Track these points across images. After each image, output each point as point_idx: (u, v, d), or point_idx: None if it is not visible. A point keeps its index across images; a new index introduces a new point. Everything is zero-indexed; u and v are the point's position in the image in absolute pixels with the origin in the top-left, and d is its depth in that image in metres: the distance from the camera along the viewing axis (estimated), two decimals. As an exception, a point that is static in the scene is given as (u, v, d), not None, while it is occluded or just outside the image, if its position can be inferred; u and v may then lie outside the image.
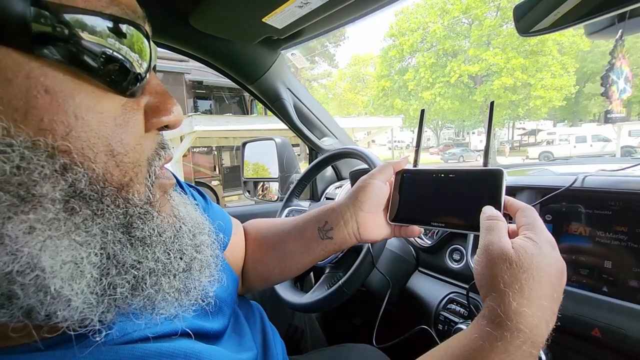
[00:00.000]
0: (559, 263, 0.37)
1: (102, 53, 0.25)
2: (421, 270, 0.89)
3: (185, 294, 0.32)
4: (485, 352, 0.32)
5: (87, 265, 0.24)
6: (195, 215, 0.37)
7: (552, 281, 0.35)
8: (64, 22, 0.23)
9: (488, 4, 15.90)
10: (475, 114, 17.47)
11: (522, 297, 0.33)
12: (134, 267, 0.27)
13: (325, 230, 0.53)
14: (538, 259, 0.35)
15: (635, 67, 13.99)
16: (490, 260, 0.36)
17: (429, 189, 0.50)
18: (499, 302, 0.34)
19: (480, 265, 0.38)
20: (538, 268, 0.35)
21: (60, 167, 0.23)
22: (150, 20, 0.30)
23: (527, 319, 0.33)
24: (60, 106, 0.23)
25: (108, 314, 0.26)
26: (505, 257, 0.35)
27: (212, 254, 0.36)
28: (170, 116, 0.30)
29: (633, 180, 0.55)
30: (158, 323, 0.31)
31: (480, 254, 0.38)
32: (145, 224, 0.28)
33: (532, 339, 0.32)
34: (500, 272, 0.35)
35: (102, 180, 0.25)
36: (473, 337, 0.34)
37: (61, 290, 0.23)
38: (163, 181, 0.31)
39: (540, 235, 0.37)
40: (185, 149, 6.48)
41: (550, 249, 0.37)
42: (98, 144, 0.25)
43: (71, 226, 0.24)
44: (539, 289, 0.34)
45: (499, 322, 0.33)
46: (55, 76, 0.23)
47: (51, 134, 0.23)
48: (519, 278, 0.34)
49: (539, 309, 0.33)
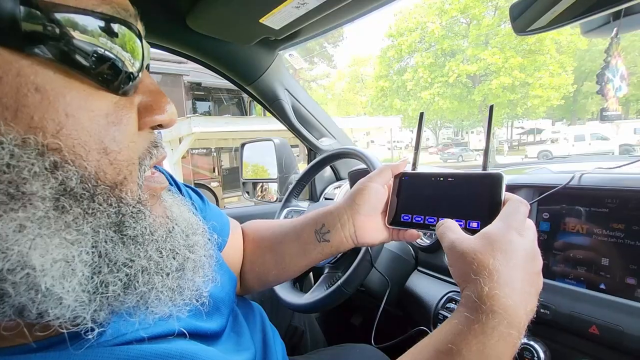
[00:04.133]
0: (527, 248, 0.38)
1: (93, 52, 0.25)
2: (420, 269, 0.89)
3: (179, 294, 0.32)
4: (464, 335, 0.34)
5: (79, 263, 0.24)
6: (188, 216, 0.37)
7: (519, 264, 0.37)
8: (55, 21, 0.23)
9: (486, 4, 15.93)
10: (474, 114, 17.49)
11: (492, 281, 0.35)
12: (126, 265, 0.27)
13: (322, 233, 0.53)
14: (501, 244, 0.37)
15: (632, 66, 14.03)
16: (456, 256, 0.39)
17: (428, 192, 0.50)
18: (472, 290, 0.36)
19: (450, 264, 0.41)
20: (503, 251, 0.36)
21: (51, 164, 0.23)
22: (147, 22, 0.31)
23: (499, 301, 0.34)
24: (50, 104, 0.23)
25: (101, 312, 0.26)
26: (469, 249, 0.38)
27: (206, 255, 0.36)
28: (164, 115, 0.30)
29: (630, 178, 0.55)
30: (152, 323, 0.31)
31: (448, 255, 0.41)
32: (137, 222, 0.28)
33: (508, 320, 0.34)
34: (468, 263, 0.37)
35: (95, 179, 0.25)
36: (453, 324, 0.36)
37: (52, 288, 0.23)
38: (153, 184, 0.31)
39: (510, 223, 0.39)
40: (184, 151, 6.47)
41: (516, 235, 0.38)
42: (90, 142, 0.25)
43: (62, 224, 0.24)
44: (508, 272, 0.36)
45: (474, 306, 0.35)
46: (46, 74, 0.23)
47: (41, 131, 0.23)
48: (486, 265, 0.36)
49: (511, 291, 0.35)
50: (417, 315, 0.82)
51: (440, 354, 0.35)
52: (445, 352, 0.34)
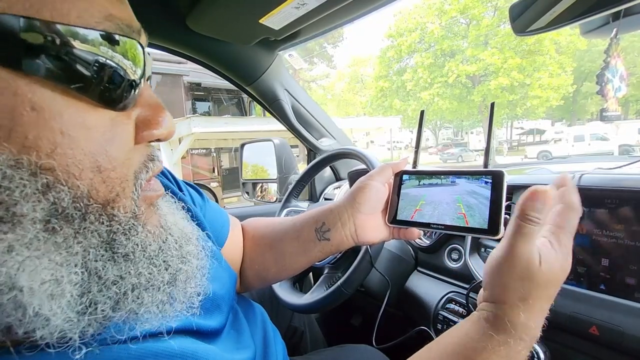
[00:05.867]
0: (567, 271, 0.35)
1: (94, 69, 0.24)
2: (420, 270, 0.89)
3: (170, 305, 0.31)
4: (487, 353, 0.33)
5: (67, 284, 0.24)
6: (182, 225, 0.36)
7: (557, 290, 0.35)
8: (55, 37, 0.22)
9: (485, 4, 15.95)
10: (474, 114, 17.52)
11: (531, 311, 0.33)
12: (115, 283, 0.27)
13: (323, 231, 0.53)
14: (554, 274, 0.33)
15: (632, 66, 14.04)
16: (512, 271, 0.33)
17: (429, 190, 0.50)
18: (507, 312, 0.33)
19: (497, 269, 0.34)
20: (552, 282, 0.34)
21: (43, 186, 0.23)
22: (147, 22, 0.30)
23: (530, 330, 0.34)
24: (46, 123, 0.23)
25: (90, 328, 0.26)
26: (528, 273, 0.32)
27: (199, 264, 0.36)
28: (161, 129, 0.30)
29: (629, 178, 0.55)
30: (144, 331, 0.30)
31: (505, 258, 0.33)
32: (129, 239, 0.28)
33: (530, 343, 0.34)
34: (517, 285, 0.33)
35: (87, 197, 0.25)
36: (475, 338, 0.34)
37: (39, 310, 0.23)
38: (149, 194, 0.31)
39: (567, 245, 0.34)
40: (184, 151, 6.47)
41: (568, 262, 0.34)
42: (84, 161, 0.24)
43: (51, 246, 0.23)
44: (547, 302, 0.34)
45: (504, 328, 0.33)
46: (43, 93, 0.23)
47: (35, 151, 0.22)
48: (532, 295, 0.33)
49: (540, 319, 0.34)
50: (418, 315, 0.82)
51: None
52: None
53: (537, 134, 23.01)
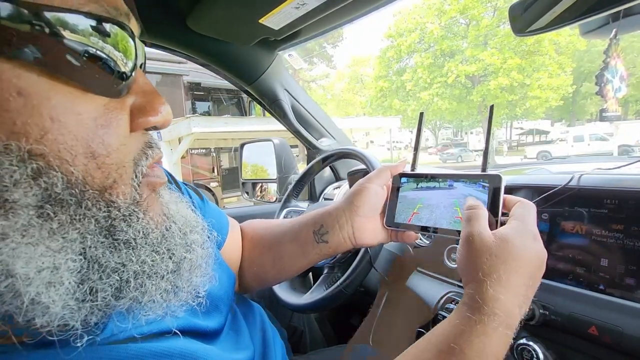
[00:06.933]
0: (540, 254, 0.38)
1: (80, 53, 0.24)
2: (419, 270, 0.89)
3: (174, 295, 0.31)
4: (466, 335, 0.35)
5: (65, 271, 0.24)
6: (186, 213, 0.36)
7: (529, 271, 0.37)
8: (38, 21, 0.22)
9: (485, 4, 15.95)
10: (473, 114, 17.51)
11: (499, 285, 0.35)
12: (117, 270, 0.27)
13: (321, 233, 0.53)
14: (518, 249, 0.36)
15: (631, 67, 14.05)
16: (470, 252, 0.38)
17: (426, 193, 0.50)
18: (477, 290, 0.36)
19: (461, 255, 0.39)
20: (517, 258, 0.36)
21: (33, 171, 0.23)
22: (147, 22, 0.30)
23: (502, 304, 0.35)
24: (34, 108, 0.22)
25: (92, 316, 0.26)
26: (486, 249, 0.37)
27: (204, 253, 0.36)
28: (157, 117, 0.29)
29: (629, 179, 0.55)
30: (150, 321, 0.30)
31: (462, 244, 0.39)
32: (130, 226, 0.27)
33: (507, 322, 0.35)
34: (480, 263, 0.37)
35: (82, 183, 0.25)
36: (455, 323, 0.36)
37: (38, 297, 0.23)
38: (152, 179, 0.31)
39: (526, 225, 0.39)
40: (184, 151, 6.46)
41: (532, 239, 0.38)
42: (76, 146, 0.24)
43: (46, 232, 0.23)
44: (516, 277, 0.36)
45: (477, 307, 0.35)
46: (29, 77, 0.22)
47: (24, 137, 0.22)
48: (497, 268, 0.36)
49: (513, 295, 0.36)
50: (417, 315, 0.82)
51: (443, 354, 0.35)
52: (448, 351, 0.34)
53: (540, 135, 23.02)
